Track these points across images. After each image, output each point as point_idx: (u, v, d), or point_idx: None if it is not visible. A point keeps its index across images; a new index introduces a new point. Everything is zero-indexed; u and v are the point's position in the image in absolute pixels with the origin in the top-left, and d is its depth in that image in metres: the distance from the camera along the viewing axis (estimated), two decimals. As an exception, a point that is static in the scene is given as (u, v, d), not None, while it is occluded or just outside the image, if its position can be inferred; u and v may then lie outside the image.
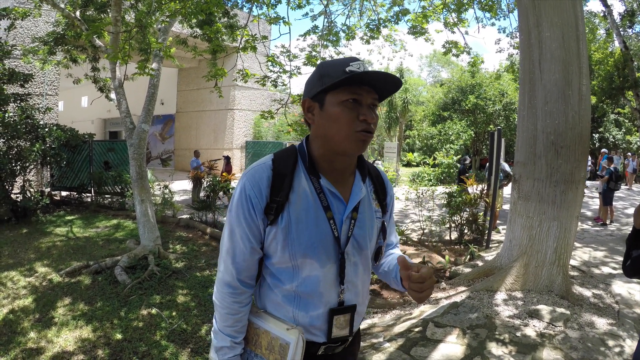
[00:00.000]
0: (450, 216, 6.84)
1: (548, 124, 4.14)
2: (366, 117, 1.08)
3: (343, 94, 1.07)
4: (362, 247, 1.20)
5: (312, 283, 1.13)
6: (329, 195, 1.15)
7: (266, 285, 1.20)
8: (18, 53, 9.23)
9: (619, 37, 11.07)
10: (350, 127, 1.08)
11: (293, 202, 1.12)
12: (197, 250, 6.30)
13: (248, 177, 1.13)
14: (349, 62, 1.08)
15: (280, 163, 1.15)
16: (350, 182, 1.21)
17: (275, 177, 1.12)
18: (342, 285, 1.17)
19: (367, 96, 1.09)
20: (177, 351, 3.37)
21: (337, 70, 1.08)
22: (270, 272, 1.18)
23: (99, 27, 5.28)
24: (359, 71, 1.06)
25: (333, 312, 1.16)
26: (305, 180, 1.15)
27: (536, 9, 4.24)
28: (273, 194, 1.11)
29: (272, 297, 1.18)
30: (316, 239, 1.12)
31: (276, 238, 1.11)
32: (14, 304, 4.25)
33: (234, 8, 7.49)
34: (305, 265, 1.12)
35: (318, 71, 1.13)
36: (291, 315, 1.15)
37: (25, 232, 7.31)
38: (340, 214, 1.16)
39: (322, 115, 1.11)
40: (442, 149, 17.86)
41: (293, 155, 1.17)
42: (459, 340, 3.22)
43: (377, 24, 8.66)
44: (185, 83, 19.80)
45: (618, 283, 4.63)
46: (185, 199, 10.89)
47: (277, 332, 1.15)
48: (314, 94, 1.12)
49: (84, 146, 10.18)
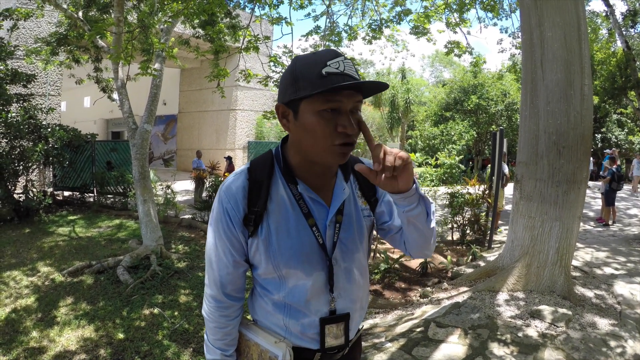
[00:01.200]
0: (453, 216, 6.83)
1: (550, 124, 4.13)
2: (345, 129, 0.96)
3: (319, 102, 0.95)
4: (352, 251, 1.13)
5: (299, 293, 1.08)
6: (308, 201, 1.08)
7: (257, 294, 1.17)
8: (21, 53, 9.27)
9: (621, 37, 11.03)
10: (327, 140, 0.97)
11: (271, 212, 1.06)
12: (199, 250, 6.31)
13: (224, 189, 1.07)
14: (326, 60, 0.95)
15: (256, 170, 1.08)
16: (331, 184, 1.13)
17: (251, 186, 1.06)
18: (332, 293, 1.11)
19: (347, 102, 0.96)
20: (179, 351, 3.38)
21: (312, 72, 0.95)
22: (258, 282, 1.14)
23: (102, 27, 5.29)
24: (338, 73, 0.94)
25: (324, 321, 1.11)
26: (282, 187, 1.08)
27: (538, 8, 4.23)
28: (250, 204, 1.05)
29: (262, 305, 1.15)
30: (298, 249, 1.06)
31: (258, 249, 1.07)
32: (17, 303, 4.27)
33: (236, 8, 7.51)
34: (290, 276, 1.08)
35: (291, 72, 1.00)
36: (282, 324, 1.12)
37: (27, 232, 7.34)
38: (323, 219, 1.09)
39: (296, 124, 1.01)
40: (444, 149, 17.81)
41: (269, 161, 1.10)
42: (461, 340, 3.22)
43: (379, 24, 8.66)
44: (188, 83, 19.83)
45: (620, 284, 4.62)
46: (187, 199, 10.91)
47: (266, 345, 1.12)
48: (287, 101, 1.01)
49: (86, 146, 10.21)
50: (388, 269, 5.16)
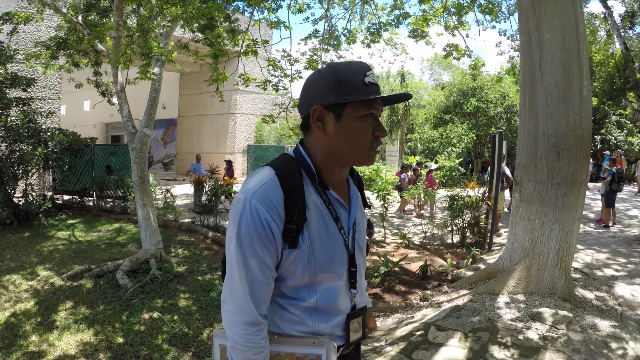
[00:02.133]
0: (452, 219, 6.83)
1: (549, 126, 4.14)
2: (381, 133, 1.08)
3: (363, 108, 1.04)
4: (362, 248, 1.22)
5: (331, 294, 1.12)
6: (336, 206, 1.13)
7: (277, 306, 1.11)
8: (20, 57, 9.29)
9: (619, 38, 11.06)
10: (367, 143, 1.07)
11: (310, 220, 1.05)
12: (199, 254, 6.30)
13: (259, 199, 0.99)
14: (365, 70, 1.04)
15: (286, 178, 1.04)
16: (346, 186, 1.21)
17: (286, 195, 1.02)
18: (354, 289, 1.18)
19: (379, 109, 1.08)
20: (178, 355, 3.37)
21: (356, 80, 1.03)
22: (281, 294, 1.10)
23: (101, 31, 5.31)
24: (375, 84, 1.05)
25: (349, 317, 1.16)
26: (314, 193, 1.08)
27: (536, 11, 4.24)
28: (289, 214, 1.01)
29: (287, 317, 1.11)
30: (334, 253, 1.10)
31: (296, 261, 1.04)
32: (16, 307, 4.26)
33: (235, 12, 7.53)
34: (323, 280, 1.09)
35: (333, 76, 1.03)
36: (312, 330, 1.11)
37: (27, 236, 7.33)
38: (347, 221, 1.16)
39: (337, 128, 1.04)
40: (443, 152, 17.83)
41: (296, 168, 1.08)
42: (461, 343, 3.21)
43: (377, 28, 8.69)
44: (187, 87, 19.87)
45: (621, 285, 4.61)
46: (187, 203, 10.90)
47: (303, 350, 1.10)
48: (331, 104, 1.03)
49: (86, 150, 10.22)
50: (388, 272, 5.16)
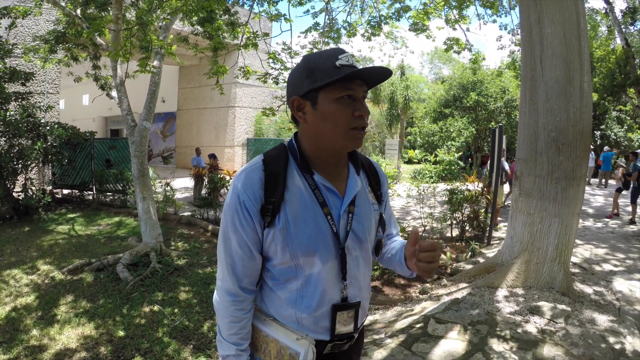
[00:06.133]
0: (452, 213, 6.84)
1: (549, 121, 4.14)
2: (362, 112, 1.07)
3: (337, 90, 1.05)
4: (362, 241, 1.19)
5: (315, 280, 1.12)
6: (324, 191, 1.13)
7: (267, 288, 1.18)
8: (19, 52, 9.23)
9: (620, 34, 11.04)
10: (346, 124, 1.06)
11: (288, 201, 1.09)
12: (199, 247, 6.32)
13: (240, 181, 1.10)
14: (337, 54, 1.06)
15: (271, 162, 1.12)
16: (344, 175, 1.20)
17: (267, 177, 1.09)
18: (345, 281, 1.15)
19: (359, 90, 1.08)
20: (179, 348, 3.39)
21: (327, 64, 1.05)
22: (271, 275, 1.16)
23: (100, 25, 5.27)
24: (349, 65, 1.04)
25: (336, 308, 1.15)
26: (298, 177, 1.12)
27: (537, 5, 4.22)
28: (267, 195, 1.08)
29: (274, 299, 1.16)
30: (315, 236, 1.10)
31: (275, 240, 1.09)
32: (17, 301, 4.28)
33: (235, 5, 7.48)
34: (307, 264, 1.11)
35: (305, 66, 1.09)
36: (294, 318, 1.14)
37: (27, 230, 7.34)
38: (337, 208, 1.14)
39: (315, 114, 1.08)
40: (443, 146, 17.79)
41: (283, 153, 1.15)
42: (460, 336, 3.23)
43: (378, 21, 8.64)
44: (187, 80, 19.78)
45: (619, 280, 4.63)
46: (186, 196, 10.91)
47: (286, 342, 1.13)
48: (305, 92, 1.08)
49: (85, 144, 10.20)
50: (387, 265, 5.17)
